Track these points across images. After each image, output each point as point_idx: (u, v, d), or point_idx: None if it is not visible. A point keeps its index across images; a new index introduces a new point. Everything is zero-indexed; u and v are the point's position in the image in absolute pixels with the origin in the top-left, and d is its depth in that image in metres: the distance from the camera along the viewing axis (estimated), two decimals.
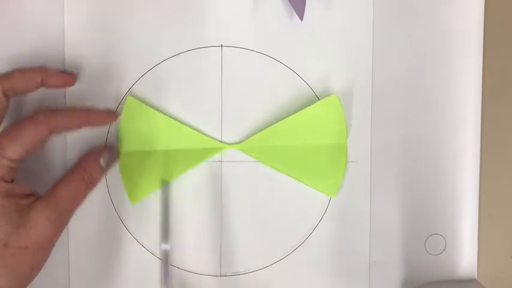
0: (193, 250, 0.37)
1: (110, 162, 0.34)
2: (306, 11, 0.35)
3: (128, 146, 0.35)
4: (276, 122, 0.36)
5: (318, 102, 0.36)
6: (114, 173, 0.36)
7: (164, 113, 0.35)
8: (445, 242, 0.38)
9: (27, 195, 0.29)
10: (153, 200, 0.37)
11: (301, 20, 0.36)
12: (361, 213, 0.37)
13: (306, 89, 0.37)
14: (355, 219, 0.37)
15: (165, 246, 0.35)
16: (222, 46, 0.36)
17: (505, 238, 0.38)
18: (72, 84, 0.34)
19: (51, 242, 0.29)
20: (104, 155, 0.33)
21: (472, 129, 0.38)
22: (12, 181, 0.29)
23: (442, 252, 0.38)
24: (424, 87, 0.37)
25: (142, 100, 0.35)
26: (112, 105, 0.36)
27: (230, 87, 0.36)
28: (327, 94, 0.37)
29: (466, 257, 0.38)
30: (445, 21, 0.37)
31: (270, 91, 0.37)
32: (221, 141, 0.36)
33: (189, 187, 0.37)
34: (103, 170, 0.33)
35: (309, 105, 0.36)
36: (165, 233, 0.36)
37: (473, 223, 0.38)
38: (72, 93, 0.36)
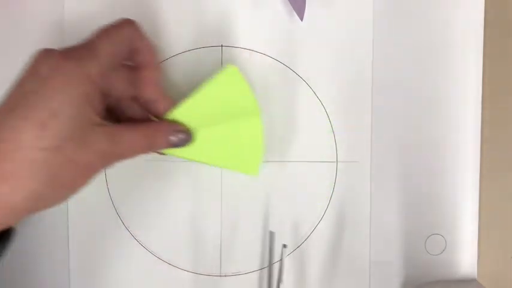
0: (193, 250, 0.37)
1: (180, 142, 0.32)
2: (306, 11, 0.35)
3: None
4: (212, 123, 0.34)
5: (216, 77, 0.33)
6: (114, 173, 0.36)
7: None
8: (445, 242, 0.38)
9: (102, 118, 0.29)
10: (153, 199, 0.37)
11: (301, 20, 0.36)
12: (361, 213, 0.37)
13: (306, 89, 0.37)
14: (355, 219, 0.37)
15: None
16: (222, 46, 0.36)
17: (505, 238, 0.38)
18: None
19: (96, 168, 0.28)
20: (178, 133, 0.32)
21: (472, 129, 0.38)
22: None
23: (442, 252, 0.38)
24: (424, 87, 0.37)
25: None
26: None
27: None
28: (326, 94, 0.37)
29: (466, 257, 0.38)
30: (445, 22, 0.37)
31: (270, 91, 0.37)
32: None
33: (189, 187, 0.37)
34: (170, 145, 0.32)
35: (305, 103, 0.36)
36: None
37: (473, 223, 0.38)
38: None
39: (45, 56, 0.27)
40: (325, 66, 0.37)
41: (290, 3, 0.35)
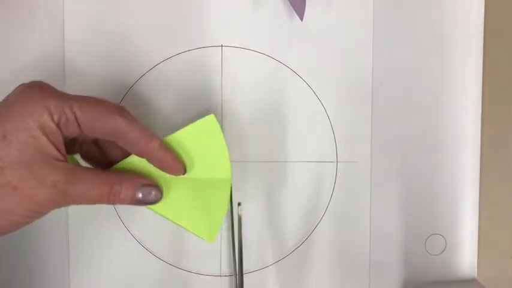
0: (193, 250, 0.37)
1: (145, 200, 0.30)
2: (306, 11, 0.35)
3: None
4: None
5: (191, 125, 0.31)
6: None
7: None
8: (445, 242, 0.38)
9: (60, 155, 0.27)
10: None
11: (301, 20, 0.36)
12: (361, 213, 0.37)
13: (306, 89, 0.37)
14: (355, 219, 0.37)
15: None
16: (222, 46, 0.36)
17: (505, 238, 0.38)
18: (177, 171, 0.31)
19: (45, 204, 0.27)
20: (146, 189, 0.29)
21: (472, 129, 0.38)
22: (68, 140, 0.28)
23: (442, 252, 0.38)
24: (424, 87, 0.37)
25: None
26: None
27: (230, 87, 0.36)
28: (326, 94, 0.37)
29: (466, 257, 0.38)
30: (445, 21, 0.37)
31: (269, 91, 0.37)
32: None
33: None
34: (133, 200, 0.29)
35: (308, 105, 0.36)
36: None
37: (473, 223, 0.38)
38: (72, 92, 0.35)
39: (23, 85, 0.27)
40: (325, 66, 0.37)
41: (290, 3, 0.35)
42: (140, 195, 0.29)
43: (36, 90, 0.27)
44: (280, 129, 0.37)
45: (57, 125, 0.27)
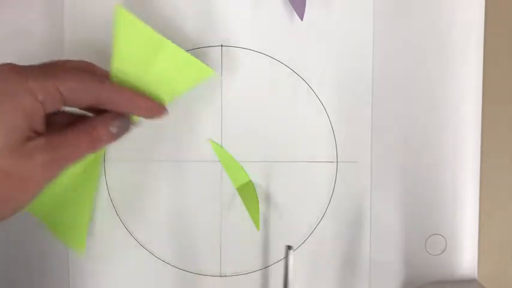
0: (193, 250, 0.37)
1: (121, 131, 0.31)
2: (306, 11, 0.35)
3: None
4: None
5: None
6: (114, 173, 0.36)
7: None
8: (445, 242, 0.38)
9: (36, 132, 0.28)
10: (153, 200, 0.37)
11: (301, 20, 0.36)
12: (361, 213, 0.37)
13: (306, 89, 0.37)
14: (355, 219, 0.37)
15: None
16: (222, 46, 0.36)
17: (505, 238, 0.38)
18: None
19: (38, 182, 0.27)
20: (116, 122, 0.31)
21: (472, 129, 0.38)
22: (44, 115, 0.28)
23: (442, 252, 0.38)
24: (424, 87, 0.37)
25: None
26: None
27: (230, 87, 0.36)
28: (326, 94, 0.37)
29: (466, 257, 0.38)
30: (445, 21, 0.37)
31: (270, 91, 0.37)
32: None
33: (190, 187, 0.37)
34: (112, 136, 0.31)
35: (308, 105, 0.36)
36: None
37: (473, 223, 0.38)
38: None
39: (1, 70, 0.27)
40: (325, 66, 0.37)
41: (290, 3, 0.35)
42: (113, 128, 0.30)
43: (13, 74, 0.27)
44: (280, 129, 0.37)
45: (42, 104, 0.27)
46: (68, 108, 0.30)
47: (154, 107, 0.31)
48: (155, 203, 0.37)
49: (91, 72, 0.30)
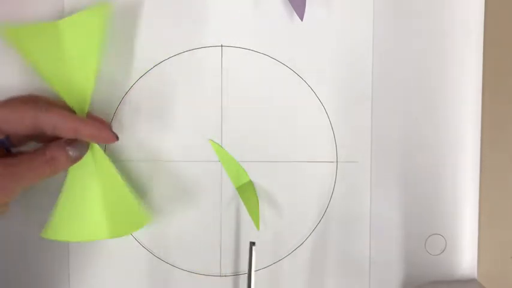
0: (193, 250, 0.37)
1: (78, 154, 0.32)
2: (306, 11, 0.35)
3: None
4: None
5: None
6: None
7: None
8: (445, 242, 0.38)
9: None
10: (153, 200, 0.37)
11: (301, 20, 0.36)
12: (361, 213, 0.37)
13: (306, 89, 0.37)
14: (355, 219, 0.37)
15: None
16: (222, 46, 0.36)
17: (505, 238, 0.38)
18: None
19: None
20: (73, 146, 0.32)
21: (472, 129, 0.38)
22: None
23: (442, 252, 0.38)
24: (424, 87, 0.37)
25: None
26: (111, 105, 0.36)
27: (230, 87, 0.36)
28: (326, 94, 0.37)
29: (466, 257, 0.38)
30: (445, 22, 0.37)
31: (270, 91, 0.37)
32: None
33: (189, 187, 0.37)
34: (69, 159, 0.32)
35: (307, 105, 0.36)
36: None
37: (473, 223, 0.38)
38: None
39: None
40: (325, 66, 0.37)
41: (290, 3, 0.35)
42: (71, 152, 0.32)
43: None
44: (280, 129, 0.37)
45: None
46: None
47: (101, 135, 0.32)
48: (155, 203, 0.37)
49: (33, 102, 0.31)
